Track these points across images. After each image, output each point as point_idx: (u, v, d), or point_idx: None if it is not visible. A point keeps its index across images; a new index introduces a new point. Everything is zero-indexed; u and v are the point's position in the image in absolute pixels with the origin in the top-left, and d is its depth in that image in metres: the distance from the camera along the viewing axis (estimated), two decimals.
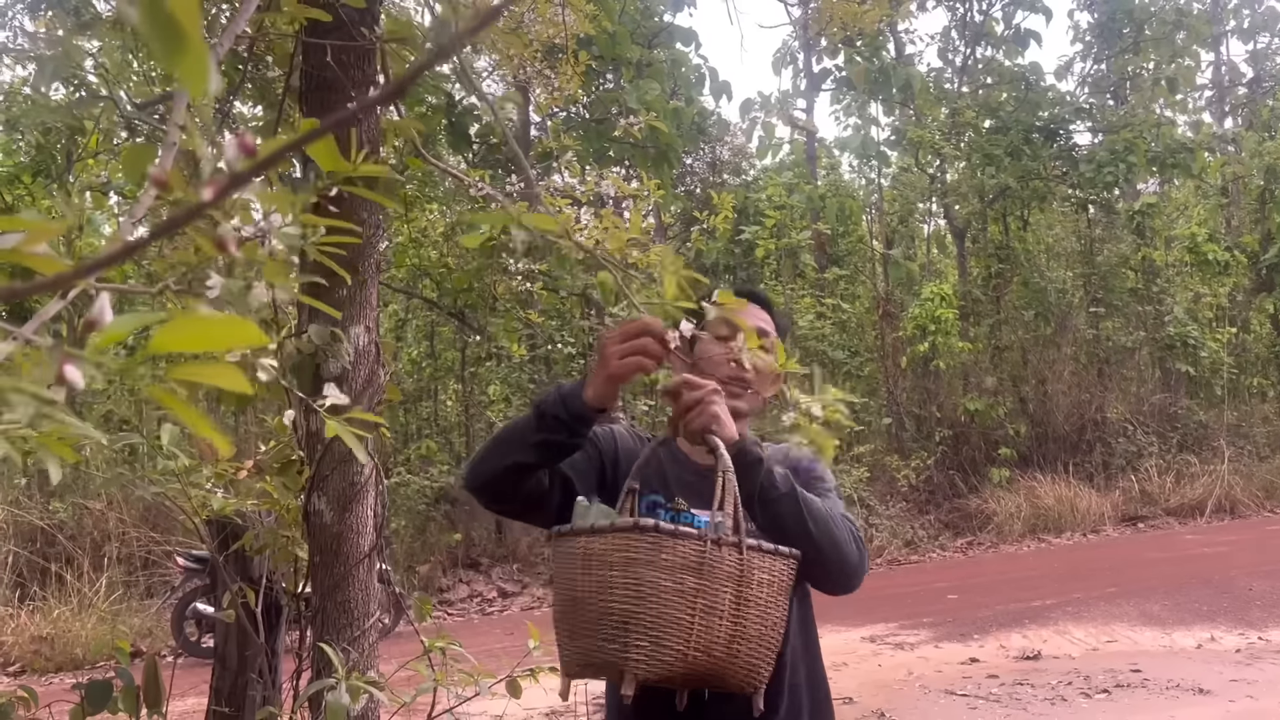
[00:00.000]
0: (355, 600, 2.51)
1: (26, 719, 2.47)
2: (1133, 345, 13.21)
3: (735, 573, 1.37)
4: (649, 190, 4.72)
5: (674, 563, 1.36)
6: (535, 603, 9.70)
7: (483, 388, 11.81)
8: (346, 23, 2.31)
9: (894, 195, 14.34)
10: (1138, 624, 6.77)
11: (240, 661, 3.07)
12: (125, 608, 8.66)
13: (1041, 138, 12.53)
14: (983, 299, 13.06)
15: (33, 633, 8.10)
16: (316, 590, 2.53)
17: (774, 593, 1.40)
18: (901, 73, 12.04)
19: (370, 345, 2.61)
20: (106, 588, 8.68)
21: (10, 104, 8.99)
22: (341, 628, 2.49)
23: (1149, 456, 12.11)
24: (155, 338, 0.50)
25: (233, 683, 3.09)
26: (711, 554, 1.36)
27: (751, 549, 1.38)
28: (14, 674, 7.85)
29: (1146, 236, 13.50)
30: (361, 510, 2.55)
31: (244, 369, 1.60)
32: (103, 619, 8.33)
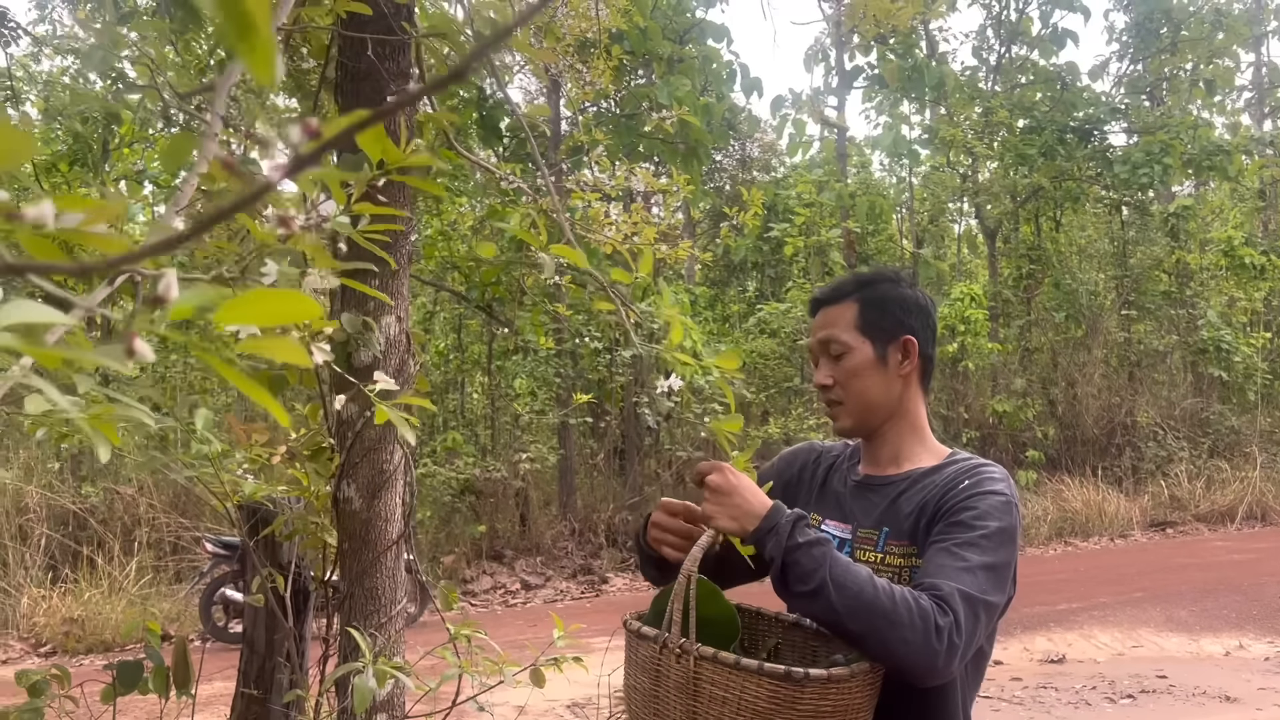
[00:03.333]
0: (382, 587, 2.54)
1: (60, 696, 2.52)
2: (1165, 349, 13.06)
3: (682, 683, 1.30)
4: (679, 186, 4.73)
5: (640, 663, 1.37)
6: (558, 595, 9.74)
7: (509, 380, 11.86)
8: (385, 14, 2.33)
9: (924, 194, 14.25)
10: (1165, 629, 6.71)
11: (268, 645, 3.11)
12: (154, 592, 8.77)
13: (1076, 138, 12.40)
14: (1013, 300, 12.96)
15: (64, 614, 8.23)
16: (344, 576, 2.56)
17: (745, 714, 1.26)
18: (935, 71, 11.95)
19: (401, 335, 2.63)
20: (136, 571, 8.79)
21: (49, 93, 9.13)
22: (369, 614, 2.51)
23: (1179, 461, 11.98)
24: (221, 310, 0.52)
25: (260, 666, 3.13)
26: (664, 659, 1.32)
27: (705, 659, 1.27)
28: (45, 655, 7.98)
29: (1181, 239, 13.34)
30: (390, 498, 2.57)
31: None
32: (132, 602, 8.44)
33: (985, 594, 1.33)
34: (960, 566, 1.34)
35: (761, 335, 12.57)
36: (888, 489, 1.52)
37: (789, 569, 1.33)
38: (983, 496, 1.41)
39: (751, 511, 1.37)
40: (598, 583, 10.12)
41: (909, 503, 1.48)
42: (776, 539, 1.34)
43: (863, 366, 1.51)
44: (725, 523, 1.37)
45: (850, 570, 1.32)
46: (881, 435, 1.56)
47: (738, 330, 13.15)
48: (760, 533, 1.36)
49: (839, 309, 1.54)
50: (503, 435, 11.66)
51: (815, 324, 1.58)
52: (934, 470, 1.50)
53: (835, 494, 1.59)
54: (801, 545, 1.33)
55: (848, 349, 1.52)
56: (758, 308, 12.94)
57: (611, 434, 11.60)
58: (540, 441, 11.29)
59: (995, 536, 1.38)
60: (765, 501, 1.38)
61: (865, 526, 1.51)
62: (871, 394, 1.52)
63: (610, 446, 11.67)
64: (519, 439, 11.43)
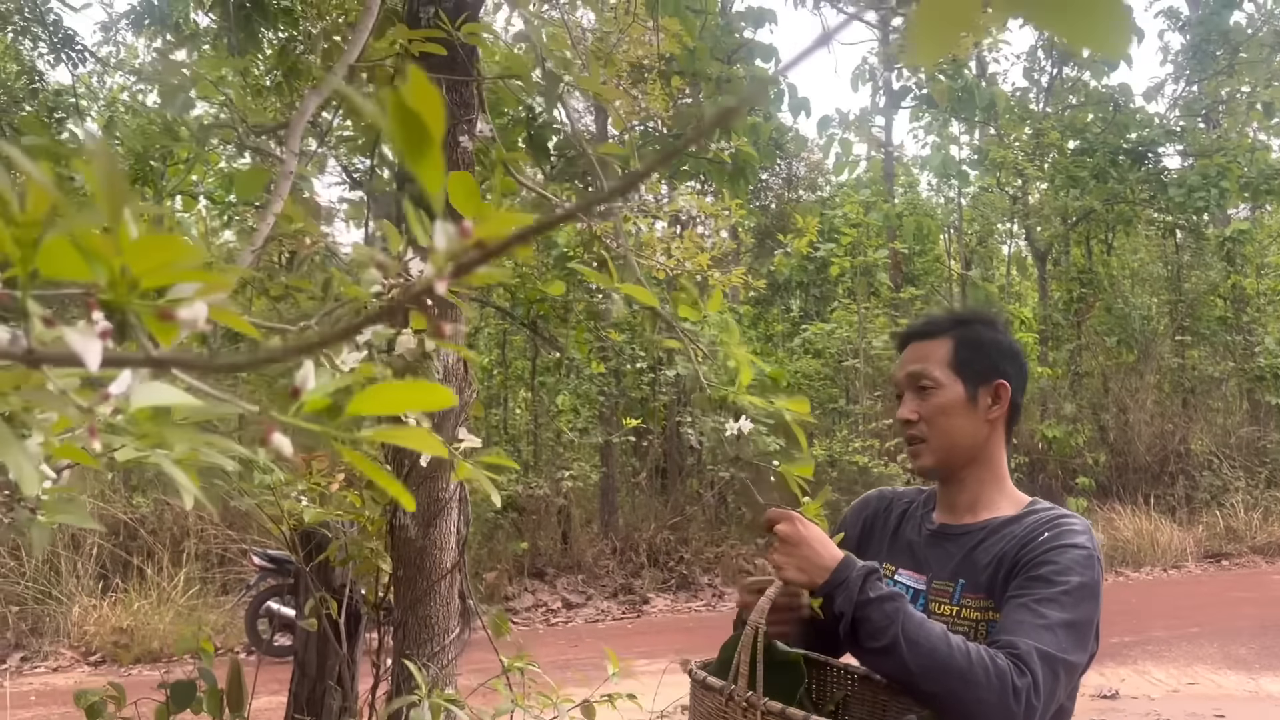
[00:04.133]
0: (436, 615, 2.54)
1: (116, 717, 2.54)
2: (1220, 375, 12.79)
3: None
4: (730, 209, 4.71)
5: (705, 713, 1.34)
6: (599, 615, 9.71)
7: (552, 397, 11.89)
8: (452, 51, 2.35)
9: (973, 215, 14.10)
10: (1222, 666, 6.53)
11: (319, 669, 3.12)
12: (201, 603, 8.88)
13: (1129, 160, 12.21)
14: (1063, 323, 12.76)
15: (114, 624, 8.35)
16: (399, 604, 2.56)
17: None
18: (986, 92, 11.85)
19: (459, 363, 2.64)
20: (184, 583, 8.90)
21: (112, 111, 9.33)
22: (422, 642, 2.52)
23: (1235, 491, 11.70)
24: (353, 402, 0.52)
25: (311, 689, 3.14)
26: (730, 712, 1.27)
27: (772, 714, 1.22)
28: (95, 663, 8.10)
29: (1237, 264, 13.07)
30: (445, 526, 2.58)
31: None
32: (180, 613, 8.55)
33: (1065, 653, 1.29)
34: (1039, 624, 1.29)
35: (806, 355, 12.48)
36: (964, 539, 1.48)
37: (860, 624, 1.29)
38: (1063, 550, 1.36)
39: (821, 564, 1.33)
40: (639, 603, 10.08)
41: (986, 554, 1.43)
42: (847, 593, 1.30)
43: (952, 405, 1.47)
44: (793, 574, 1.34)
45: (924, 627, 1.28)
46: (960, 480, 1.51)
47: (781, 350, 13.08)
48: (830, 586, 1.32)
49: (931, 345, 1.50)
50: (544, 451, 11.68)
51: (905, 357, 1.53)
52: (1013, 520, 1.45)
53: (909, 542, 1.55)
54: (873, 600, 1.29)
55: (938, 385, 1.47)
56: (802, 327, 12.86)
57: (654, 453, 11.58)
58: (583, 459, 11.30)
59: (1076, 592, 1.33)
60: (835, 554, 1.35)
61: (940, 578, 1.47)
62: (957, 434, 1.47)
63: (652, 465, 11.64)
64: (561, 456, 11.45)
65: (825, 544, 1.36)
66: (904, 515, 1.60)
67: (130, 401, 0.55)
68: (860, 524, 1.64)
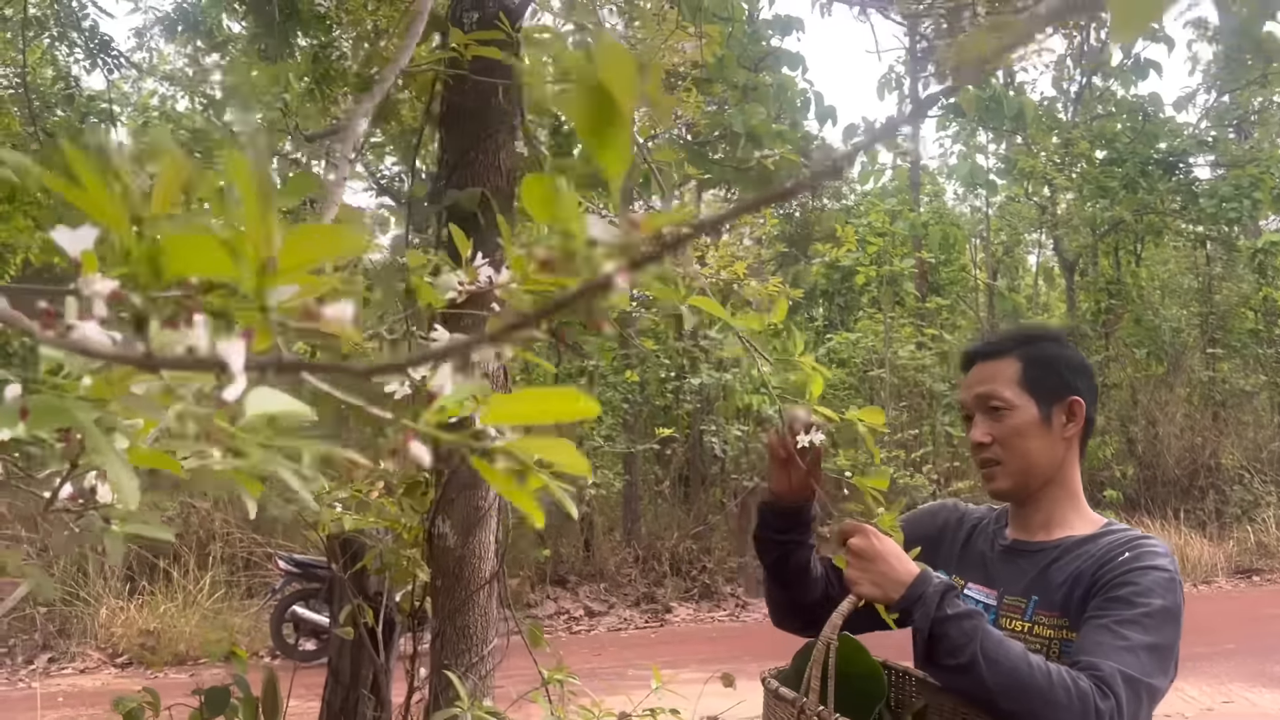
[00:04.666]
0: (475, 626, 2.52)
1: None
2: (1252, 389, 12.62)
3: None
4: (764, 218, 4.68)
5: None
6: (622, 624, 9.67)
7: None
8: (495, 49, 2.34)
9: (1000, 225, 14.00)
10: (1257, 685, 6.43)
11: (353, 677, 3.11)
12: (227, 607, 8.90)
13: (1159, 170, 12.10)
14: (1091, 335, 12.65)
15: (140, 626, 8.38)
16: (437, 614, 2.54)
17: None
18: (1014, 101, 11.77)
19: (499, 370, 2.62)
20: (210, 586, 8.93)
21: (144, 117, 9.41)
22: (460, 653, 2.50)
23: (1267, 506, 11.53)
24: (488, 410, 0.50)
25: (345, 697, 3.13)
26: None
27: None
28: (122, 665, 8.14)
29: (1269, 275, 12.91)
30: (484, 536, 2.56)
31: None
32: (206, 617, 8.58)
33: (1149, 676, 1.26)
34: (1121, 646, 1.26)
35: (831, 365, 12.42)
36: (1038, 556, 1.45)
37: (937, 641, 1.27)
38: (1145, 571, 1.33)
39: (897, 579, 1.31)
40: (661, 612, 10.04)
41: (1061, 572, 1.41)
42: (924, 609, 1.28)
43: (1026, 426, 1.44)
44: (868, 589, 1.32)
45: (1003, 646, 1.25)
46: (1035, 500, 1.48)
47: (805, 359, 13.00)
48: (906, 602, 1.30)
49: (998, 364, 1.47)
50: None
51: (970, 379, 1.50)
52: (1089, 540, 1.42)
53: (980, 556, 1.53)
54: (951, 618, 1.27)
55: (1010, 406, 1.44)
56: (827, 336, 12.80)
57: (677, 461, 11.54)
58: (606, 467, 11.28)
59: (1159, 615, 1.30)
60: (911, 568, 1.32)
61: (1012, 594, 1.45)
62: (1033, 455, 1.44)
63: (675, 474, 11.61)
64: None
65: (901, 558, 1.34)
66: (975, 530, 1.58)
67: (244, 408, 0.54)
68: (929, 532, 1.60)
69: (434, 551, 2.52)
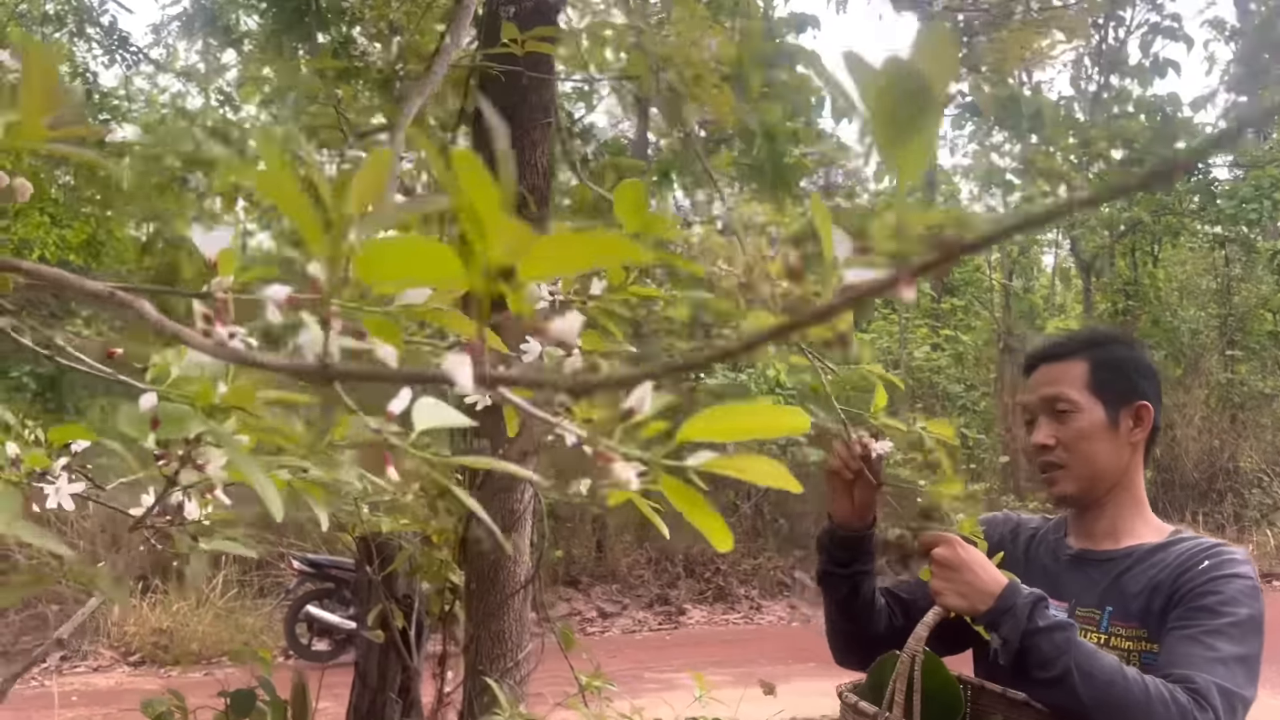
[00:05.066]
0: (510, 630, 2.47)
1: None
2: (1271, 391, 12.52)
3: None
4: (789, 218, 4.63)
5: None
6: (636, 625, 9.62)
7: None
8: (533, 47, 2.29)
9: None
10: None
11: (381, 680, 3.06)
12: (239, 606, 8.87)
13: None
14: None
15: (153, 625, 8.36)
16: (471, 618, 2.50)
17: None
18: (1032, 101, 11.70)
19: None
20: (223, 585, 8.90)
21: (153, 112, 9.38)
22: (495, 658, 2.45)
23: None
24: (685, 427, 0.48)
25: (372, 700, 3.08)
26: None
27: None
28: (135, 664, 8.11)
29: None
30: (519, 540, 2.51)
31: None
32: (219, 616, 8.55)
33: (1241, 688, 1.23)
34: (1212, 657, 1.23)
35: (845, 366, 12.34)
36: (1109, 565, 1.40)
37: (1028, 654, 1.22)
38: (1227, 580, 1.29)
39: (984, 590, 1.26)
40: (675, 614, 9.98)
41: (1135, 582, 1.36)
42: (1013, 621, 1.23)
43: (1093, 429, 1.39)
44: (954, 600, 1.28)
45: (1097, 658, 1.22)
46: (1100, 506, 1.43)
47: None
48: (995, 613, 1.25)
49: (1065, 366, 1.42)
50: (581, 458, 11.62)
51: (1035, 380, 1.46)
52: (1160, 548, 1.38)
53: (1043, 568, 1.47)
54: (1042, 629, 1.22)
55: (1077, 409, 1.39)
56: None
57: None
58: None
59: (1245, 625, 1.27)
60: (999, 578, 1.28)
61: (1085, 605, 1.40)
62: (1100, 460, 1.40)
63: None
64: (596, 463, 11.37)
65: (987, 568, 1.29)
66: (1033, 541, 1.53)
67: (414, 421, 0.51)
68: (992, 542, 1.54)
69: (468, 555, 2.47)
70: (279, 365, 0.47)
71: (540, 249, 0.39)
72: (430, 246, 0.45)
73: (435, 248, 0.45)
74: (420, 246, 0.45)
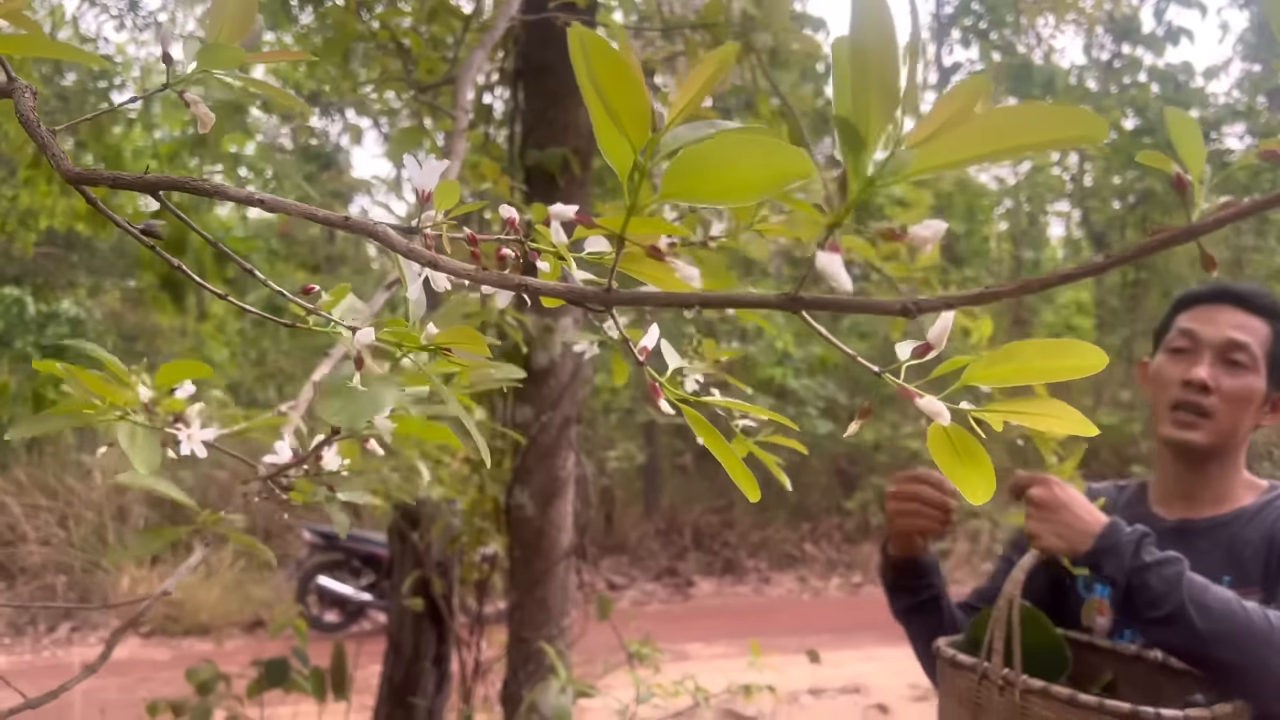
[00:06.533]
0: (554, 599, 2.43)
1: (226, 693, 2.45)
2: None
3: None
4: None
5: (956, 695, 1.23)
6: (645, 597, 9.62)
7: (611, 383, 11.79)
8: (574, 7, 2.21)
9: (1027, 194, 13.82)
10: None
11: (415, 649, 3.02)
12: (248, 577, 8.87)
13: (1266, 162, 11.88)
14: (1118, 308, 12.51)
15: None
16: (515, 586, 2.45)
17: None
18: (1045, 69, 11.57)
19: None
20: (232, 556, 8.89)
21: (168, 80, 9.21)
22: (540, 625, 2.40)
23: None
24: (971, 369, 0.43)
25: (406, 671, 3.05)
26: (984, 691, 1.17)
27: (1033, 692, 1.12)
28: (145, 635, 8.11)
29: None
30: (563, 506, 2.46)
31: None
32: (228, 587, 8.54)
33: None
34: None
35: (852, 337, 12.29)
36: (1218, 532, 1.34)
37: (1136, 592, 1.16)
38: None
39: (1085, 529, 1.20)
40: (684, 585, 9.99)
41: (1249, 543, 1.30)
42: (1117, 559, 1.17)
43: (1252, 395, 1.33)
44: (1053, 541, 1.21)
45: (1212, 591, 1.15)
46: (1209, 471, 1.37)
47: None
48: (1098, 553, 1.19)
49: (1254, 320, 1.34)
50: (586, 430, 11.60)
51: (1220, 315, 1.35)
52: (1266, 504, 1.33)
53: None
54: (1150, 565, 1.16)
55: (1252, 368, 1.32)
56: None
57: None
58: (627, 439, 11.19)
59: None
60: (1099, 517, 1.21)
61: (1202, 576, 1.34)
62: (1242, 425, 1.34)
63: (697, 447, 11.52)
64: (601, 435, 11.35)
65: (1086, 507, 1.23)
66: (1122, 511, 1.41)
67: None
68: None
69: (511, 523, 2.42)
70: (560, 291, 0.42)
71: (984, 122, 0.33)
72: (763, 143, 0.39)
73: (771, 144, 0.39)
74: (753, 145, 0.39)
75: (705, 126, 0.38)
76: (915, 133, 0.34)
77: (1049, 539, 1.22)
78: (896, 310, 0.36)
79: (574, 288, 0.41)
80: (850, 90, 0.34)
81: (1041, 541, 1.22)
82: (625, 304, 0.40)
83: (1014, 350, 0.42)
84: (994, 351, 0.43)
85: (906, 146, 0.34)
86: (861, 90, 0.33)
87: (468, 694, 2.76)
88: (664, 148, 0.38)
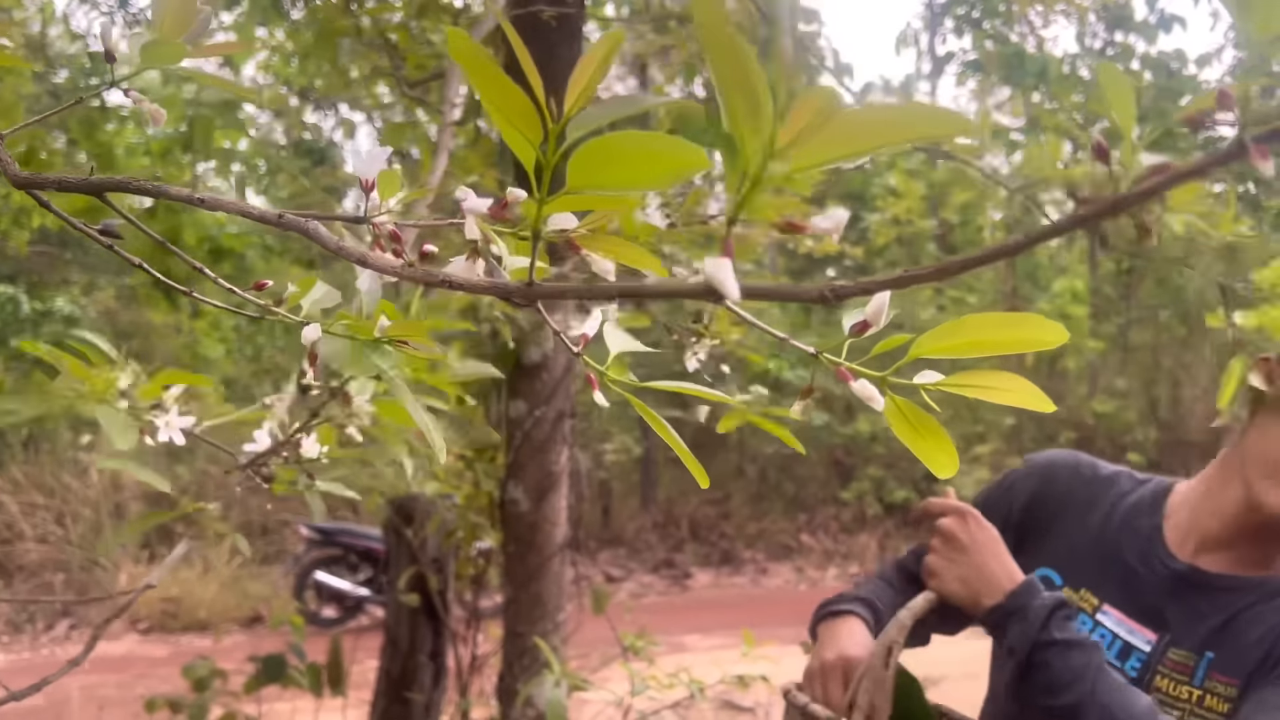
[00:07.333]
0: (548, 593, 2.44)
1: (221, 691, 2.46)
2: None
3: None
4: None
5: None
6: (643, 589, 9.64)
7: None
8: None
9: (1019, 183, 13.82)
10: None
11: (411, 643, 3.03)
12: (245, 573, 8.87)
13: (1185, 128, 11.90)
14: (1113, 296, 12.53)
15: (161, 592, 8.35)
16: (509, 581, 2.46)
17: None
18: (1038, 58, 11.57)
19: None
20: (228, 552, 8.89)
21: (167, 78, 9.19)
22: (535, 620, 2.41)
23: None
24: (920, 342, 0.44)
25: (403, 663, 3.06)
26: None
27: None
28: (144, 631, 8.12)
29: None
30: (557, 500, 2.46)
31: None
32: (225, 584, 8.55)
33: None
34: None
35: None
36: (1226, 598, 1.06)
37: (1035, 671, 0.97)
38: None
39: (994, 582, 1.02)
40: (681, 577, 10.01)
41: (1256, 625, 1.03)
42: (1023, 627, 0.98)
43: None
44: (954, 586, 1.04)
45: (1124, 694, 0.95)
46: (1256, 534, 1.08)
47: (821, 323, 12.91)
48: (1001, 613, 1.00)
49: None
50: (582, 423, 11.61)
51: None
52: None
53: (1132, 575, 1.12)
54: (1058, 644, 0.96)
55: None
56: None
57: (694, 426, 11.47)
58: (623, 431, 11.20)
59: None
60: (1014, 572, 1.03)
61: (1183, 646, 1.06)
62: None
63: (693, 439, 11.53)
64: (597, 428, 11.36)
65: (1002, 556, 1.04)
66: (1126, 521, 1.15)
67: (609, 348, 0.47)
68: (1046, 500, 1.19)
69: (506, 517, 2.43)
70: (481, 287, 0.42)
71: (839, 124, 0.34)
72: (662, 139, 0.40)
73: (669, 139, 0.40)
74: (652, 140, 0.41)
75: (602, 113, 0.40)
76: (779, 139, 0.35)
77: (950, 583, 1.05)
78: (815, 297, 0.37)
79: (497, 282, 0.42)
80: (725, 106, 0.35)
81: (941, 583, 1.05)
82: (546, 297, 0.42)
83: (964, 324, 0.43)
84: (943, 325, 0.43)
85: (775, 151, 0.35)
86: (732, 106, 0.35)
87: (464, 688, 2.77)
88: (568, 137, 0.39)
